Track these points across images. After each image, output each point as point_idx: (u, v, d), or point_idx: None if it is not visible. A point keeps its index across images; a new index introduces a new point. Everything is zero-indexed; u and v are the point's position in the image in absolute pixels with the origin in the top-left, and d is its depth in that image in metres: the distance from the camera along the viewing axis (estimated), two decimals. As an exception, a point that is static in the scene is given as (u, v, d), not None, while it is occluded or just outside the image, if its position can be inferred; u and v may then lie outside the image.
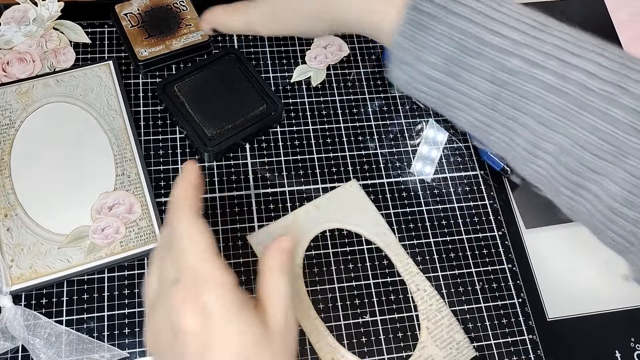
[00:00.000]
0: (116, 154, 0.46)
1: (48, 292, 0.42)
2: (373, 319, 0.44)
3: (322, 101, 0.52)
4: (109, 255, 0.42)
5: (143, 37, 0.50)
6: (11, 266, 0.41)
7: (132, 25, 0.51)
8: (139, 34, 0.50)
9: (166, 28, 0.51)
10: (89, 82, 0.48)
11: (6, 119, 0.46)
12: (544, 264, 0.47)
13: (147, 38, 0.50)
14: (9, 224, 0.43)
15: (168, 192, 0.46)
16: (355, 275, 0.45)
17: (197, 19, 0.52)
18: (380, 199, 0.48)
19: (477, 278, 0.46)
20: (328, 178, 0.49)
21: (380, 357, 0.42)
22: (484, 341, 0.44)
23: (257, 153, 0.49)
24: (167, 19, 0.52)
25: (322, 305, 0.44)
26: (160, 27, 0.51)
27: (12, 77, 0.48)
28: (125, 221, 0.44)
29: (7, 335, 0.39)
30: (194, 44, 0.51)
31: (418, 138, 0.52)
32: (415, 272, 0.45)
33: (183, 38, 0.51)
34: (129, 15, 0.51)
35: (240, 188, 0.47)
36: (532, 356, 0.44)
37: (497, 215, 0.49)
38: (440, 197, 0.49)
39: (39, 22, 0.51)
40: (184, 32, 0.51)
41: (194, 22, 0.52)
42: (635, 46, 0.60)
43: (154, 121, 0.49)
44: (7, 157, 0.45)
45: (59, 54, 0.50)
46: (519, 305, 0.46)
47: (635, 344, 0.45)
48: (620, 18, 0.62)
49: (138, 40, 0.50)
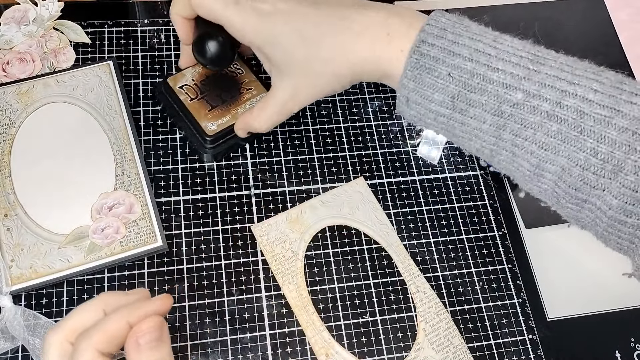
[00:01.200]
0: (116, 154, 0.46)
1: (48, 292, 0.42)
2: (373, 319, 0.44)
3: (322, 101, 0.52)
4: (109, 255, 0.42)
5: (207, 110, 0.46)
6: (11, 266, 0.41)
7: (192, 98, 0.47)
8: (201, 107, 0.46)
9: (227, 96, 0.47)
10: (89, 82, 0.48)
11: (6, 119, 0.46)
12: (544, 264, 0.47)
13: (210, 110, 0.46)
14: (9, 224, 0.43)
15: (168, 192, 0.46)
16: (356, 275, 0.45)
17: (257, 81, 0.48)
18: (380, 199, 0.48)
19: (477, 278, 0.46)
20: (328, 178, 0.49)
21: (380, 357, 0.42)
22: (484, 341, 0.44)
23: (257, 153, 0.49)
24: (227, 86, 0.48)
25: (322, 305, 0.44)
26: (221, 97, 0.47)
27: (12, 77, 0.48)
28: (125, 221, 0.44)
29: (7, 335, 0.39)
30: None
31: (418, 138, 0.52)
32: (416, 274, 0.46)
33: (248, 104, 0.47)
34: (185, 88, 0.47)
35: (240, 188, 0.47)
36: (532, 356, 0.44)
37: (497, 215, 0.49)
38: (440, 197, 0.49)
39: (39, 22, 0.51)
40: (247, 97, 0.47)
41: (254, 85, 0.48)
42: (635, 46, 0.60)
43: (154, 121, 0.49)
44: (7, 157, 0.45)
45: (59, 54, 0.50)
46: (519, 305, 0.46)
47: (635, 344, 0.45)
48: (620, 18, 0.62)
49: (202, 114, 0.46)
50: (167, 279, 0.43)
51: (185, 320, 0.42)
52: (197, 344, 0.41)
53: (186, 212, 0.46)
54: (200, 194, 0.47)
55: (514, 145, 0.36)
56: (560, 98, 0.34)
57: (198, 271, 0.44)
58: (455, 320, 0.44)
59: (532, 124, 0.35)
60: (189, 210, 0.46)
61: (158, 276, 0.43)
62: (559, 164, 0.35)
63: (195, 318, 0.42)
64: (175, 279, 0.43)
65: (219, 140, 0.46)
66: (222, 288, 0.43)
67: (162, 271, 0.43)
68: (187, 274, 0.43)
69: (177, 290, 0.43)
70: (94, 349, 0.28)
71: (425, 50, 0.36)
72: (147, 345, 0.29)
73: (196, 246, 0.45)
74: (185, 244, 0.45)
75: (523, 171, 0.37)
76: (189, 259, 0.44)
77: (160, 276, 0.43)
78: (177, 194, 0.46)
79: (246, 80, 0.49)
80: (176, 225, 0.45)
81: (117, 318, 0.29)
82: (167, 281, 0.43)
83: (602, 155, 0.33)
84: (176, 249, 0.44)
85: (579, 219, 0.37)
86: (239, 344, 0.42)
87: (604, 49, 0.59)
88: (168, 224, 0.45)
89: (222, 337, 0.42)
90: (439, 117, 0.38)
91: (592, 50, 0.58)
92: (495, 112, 0.35)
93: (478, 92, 0.35)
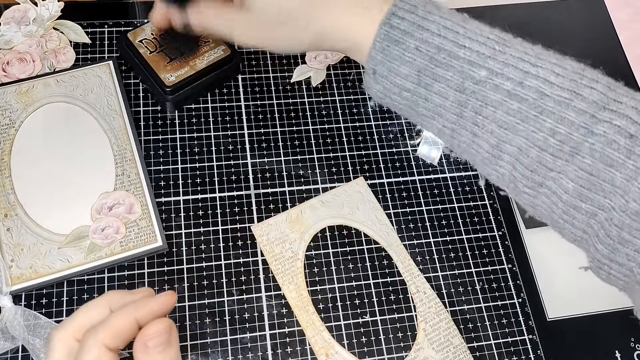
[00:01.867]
0: (116, 154, 0.46)
1: (48, 292, 0.42)
2: (373, 319, 0.44)
3: (322, 101, 0.52)
4: (109, 255, 0.42)
5: (165, 62, 0.48)
6: (11, 266, 0.41)
7: (151, 51, 0.49)
8: (160, 60, 0.48)
9: (186, 49, 0.49)
10: (89, 82, 0.48)
11: (6, 119, 0.46)
12: (544, 264, 0.47)
13: (169, 62, 0.48)
14: (9, 224, 0.43)
15: (168, 192, 0.46)
16: (356, 275, 0.45)
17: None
18: (380, 199, 0.48)
19: (477, 278, 0.46)
20: (328, 178, 0.49)
21: (380, 357, 0.42)
22: (483, 341, 0.44)
23: (257, 153, 0.49)
24: (185, 40, 0.49)
25: (322, 305, 0.44)
26: (180, 49, 0.49)
27: (12, 77, 0.48)
28: (125, 221, 0.44)
29: (7, 335, 0.39)
30: (218, 60, 0.49)
31: (418, 138, 0.52)
32: (416, 274, 0.46)
33: (206, 56, 0.49)
34: (145, 42, 0.49)
35: (240, 188, 0.47)
36: (532, 356, 0.44)
37: (497, 215, 0.49)
38: (440, 197, 0.49)
39: (39, 22, 0.51)
40: (205, 49, 0.49)
41: (212, 38, 0.50)
42: (635, 46, 0.60)
43: (154, 121, 0.49)
44: (7, 157, 0.45)
45: (59, 54, 0.50)
46: (519, 305, 0.46)
47: (635, 344, 0.45)
48: (620, 18, 0.62)
49: (161, 66, 0.48)
50: (167, 279, 0.43)
51: (185, 320, 0.42)
52: (197, 344, 0.41)
53: (186, 212, 0.46)
54: (200, 194, 0.47)
55: (474, 124, 0.36)
56: (522, 78, 0.35)
57: (198, 271, 0.44)
58: (455, 320, 0.44)
59: (493, 102, 0.35)
60: (189, 210, 0.46)
61: (158, 276, 0.43)
62: (517, 144, 0.35)
63: (195, 318, 0.42)
64: (175, 279, 0.43)
65: (178, 90, 0.48)
66: (222, 288, 0.43)
67: (162, 271, 0.43)
68: (187, 274, 0.43)
69: (177, 290, 0.43)
70: (102, 345, 0.28)
71: (396, 23, 0.37)
72: (156, 349, 0.29)
73: (196, 246, 0.45)
74: (185, 244, 0.45)
75: (482, 153, 0.37)
76: (189, 259, 0.44)
77: (160, 276, 0.43)
78: (177, 194, 0.46)
79: (204, 35, 0.50)
80: (176, 225, 0.45)
81: (124, 314, 0.29)
82: (167, 281, 0.43)
83: (560, 137, 0.34)
84: (176, 249, 0.44)
85: (535, 206, 0.37)
86: (239, 344, 0.42)
87: (604, 49, 0.59)
88: (168, 224, 0.45)
89: (222, 337, 0.42)
90: (403, 92, 0.38)
91: (592, 50, 0.58)
92: (458, 88, 0.36)
93: (443, 67, 0.36)
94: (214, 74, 0.49)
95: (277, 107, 0.51)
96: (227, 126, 0.50)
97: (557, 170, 0.34)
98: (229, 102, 0.51)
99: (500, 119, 0.35)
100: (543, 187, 0.35)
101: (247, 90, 0.51)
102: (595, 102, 0.34)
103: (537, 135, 0.34)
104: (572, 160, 0.34)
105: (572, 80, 0.34)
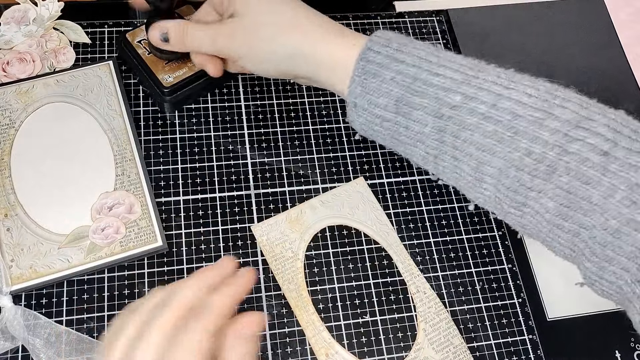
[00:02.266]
0: (116, 154, 0.46)
1: (48, 292, 0.42)
2: (373, 319, 0.44)
3: (321, 101, 0.52)
4: (109, 255, 0.42)
5: (163, 63, 0.48)
6: (11, 266, 0.41)
7: (149, 52, 0.48)
8: (159, 61, 0.48)
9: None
10: (89, 82, 0.49)
11: (6, 119, 0.46)
12: (544, 264, 0.47)
13: (167, 63, 0.48)
14: (9, 224, 0.43)
15: (168, 192, 0.46)
16: (356, 275, 0.45)
17: None
18: (380, 199, 0.48)
19: (477, 278, 0.46)
20: (328, 178, 0.49)
21: (380, 357, 0.42)
22: (483, 341, 0.44)
23: (257, 153, 0.49)
24: None
25: (322, 305, 0.44)
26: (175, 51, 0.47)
27: (12, 77, 0.48)
28: (125, 221, 0.44)
29: (7, 335, 0.39)
30: None
31: (418, 138, 0.52)
32: (416, 274, 0.46)
33: None
34: (143, 42, 0.49)
35: (240, 188, 0.47)
36: (532, 356, 0.44)
37: (497, 215, 0.49)
38: (440, 197, 0.49)
39: (39, 22, 0.51)
40: None
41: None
42: (635, 46, 0.60)
43: (154, 121, 0.49)
44: (7, 157, 0.45)
45: (59, 54, 0.50)
46: (519, 305, 0.46)
47: (635, 344, 0.45)
48: (620, 18, 0.62)
49: (159, 67, 0.48)
50: (167, 279, 0.43)
51: (185, 320, 0.42)
52: (197, 344, 0.41)
53: (186, 212, 0.46)
54: (200, 194, 0.47)
55: (454, 148, 0.37)
56: (495, 100, 0.36)
57: (198, 271, 0.44)
58: (455, 320, 0.44)
59: (470, 126, 0.36)
60: (189, 210, 0.46)
61: (158, 276, 0.43)
62: (497, 166, 0.36)
63: (195, 318, 0.42)
64: (175, 279, 0.43)
65: (176, 91, 0.47)
66: (222, 288, 0.43)
67: (162, 271, 0.43)
68: (187, 274, 0.43)
69: (177, 290, 0.43)
70: (205, 330, 0.29)
71: (372, 57, 0.38)
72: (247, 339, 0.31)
73: (196, 246, 0.45)
74: (185, 244, 0.45)
75: (465, 177, 0.38)
76: (189, 259, 0.44)
77: (160, 276, 0.43)
78: (177, 194, 0.46)
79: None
80: (176, 225, 0.45)
81: (222, 297, 0.31)
82: (167, 281, 0.43)
83: (536, 156, 0.35)
84: (176, 249, 0.44)
85: (524, 226, 0.38)
86: (239, 344, 0.42)
87: (604, 49, 0.59)
88: (168, 224, 0.45)
89: (222, 337, 0.42)
90: (384, 122, 0.39)
91: (592, 50, 0.58)
92: (435, 114, 0.37)
93: (420, 95, 0.37)
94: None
95: (277, 107, 0.51)
96: (227, 126, 0.50)
97: (537, 189, 0.35)
98: (228, 102, 0.51)
99: (478, 142, 0.36)
100: (526, 206, 0.36)
101: (247, 90, 0.52)
102: (568, 120, 0.34)
103: (513, 155, 0.35)
104: (549, 179, 0.34)
105: (544, 101, 0.35)
